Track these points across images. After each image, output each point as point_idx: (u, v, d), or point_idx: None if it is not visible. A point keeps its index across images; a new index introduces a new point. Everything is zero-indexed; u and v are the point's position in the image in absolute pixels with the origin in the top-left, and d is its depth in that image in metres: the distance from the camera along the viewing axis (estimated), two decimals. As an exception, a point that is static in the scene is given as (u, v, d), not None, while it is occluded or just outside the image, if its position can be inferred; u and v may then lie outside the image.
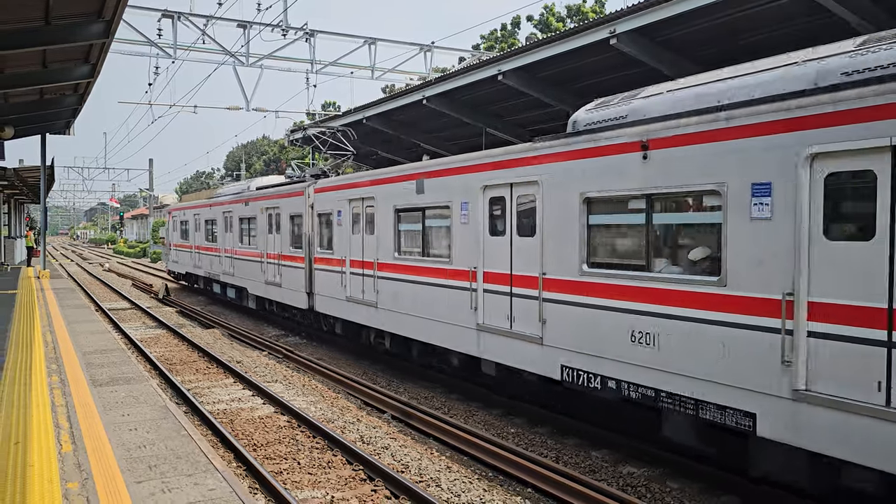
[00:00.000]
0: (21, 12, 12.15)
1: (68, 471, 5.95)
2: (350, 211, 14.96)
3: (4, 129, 19.77)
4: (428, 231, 12.31)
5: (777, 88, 6.87)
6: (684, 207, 7.73)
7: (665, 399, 7.65)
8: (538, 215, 9.41)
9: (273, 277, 19.40)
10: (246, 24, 24.07)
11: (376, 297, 13.76)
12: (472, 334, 10.89)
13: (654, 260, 7.90)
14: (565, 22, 41.05)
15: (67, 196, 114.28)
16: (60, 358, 10.99)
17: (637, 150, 7.88)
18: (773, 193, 6.52)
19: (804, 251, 6.22)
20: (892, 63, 6.03)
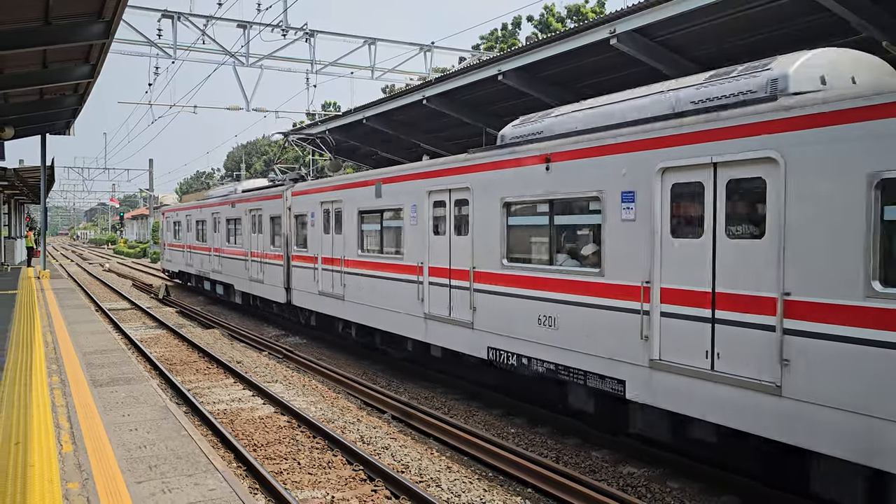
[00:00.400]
0: (21, 12, 12.15)
1: (69, 471, 5.95)
2: (322, 212, 16.41)
3: (4, 129, 19.78)
4: (385, 231, 13.85)
5: (646, 113, 8.41)
6: (576, 211, 9.35)
7: (563, 372, 9.20)
8: (470, 217, 10.88)
9: (256, 274, 20.76)
10: (246, 24, 24.07)
11: (343, 290, 15.23)
12: (420, 322, 12.28)
13: (555, 255, 9.49)
14: (565, 22, 41.06)
15: (67, 196, 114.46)
16: (61, 358, 10.99)
17: (542, 162, 9.42)
18: (636, 200, 8.04)
19: (657, 247, 7.74)
20: (726, 94, 7.58)
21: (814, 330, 6.24)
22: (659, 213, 7.74)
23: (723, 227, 7.08)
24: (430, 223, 12.04)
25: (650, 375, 7.83)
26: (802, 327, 6.32)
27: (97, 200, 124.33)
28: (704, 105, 7.72)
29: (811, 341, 6.25)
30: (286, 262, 18.59)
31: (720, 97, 7.67)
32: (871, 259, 5.84)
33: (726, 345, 7.00)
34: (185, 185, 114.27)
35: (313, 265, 16.87)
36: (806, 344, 6.29)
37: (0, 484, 5.54)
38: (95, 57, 15.51)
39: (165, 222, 33.81)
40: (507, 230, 10.19)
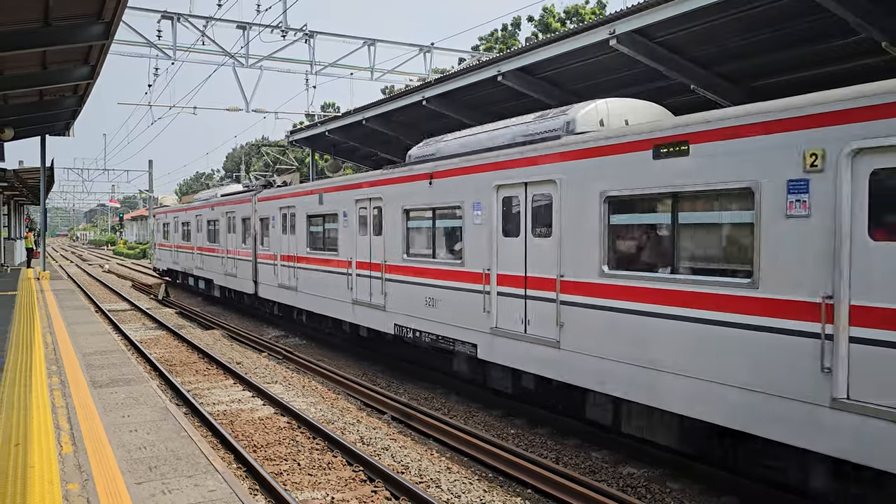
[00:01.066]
0: (20, 13, 12.14)
1: (69, 472, 5.95)
2: (280, 216, 19.06)
3: (4, 130, 19.79)
4: (326, 232, 16.44)
5: (496, 142, 10.94)
6: (449, 216, 11.79)
7: (441, 341, 11.82)
8: (383, 220, 13.56)
9: (231, 270, 23.38)
10: (245, 25, 24.06)
11: (296, 282, 17.89)
12: (350, 307, 14.99)
13: (437, 250, 12.11)
14: (564, 23, 41.05)
15: (67, 197, 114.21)
16: (60, 359, 10.99)
17: (428, 178, 12.13)
18: (482, 208, 10.68)
19: (494, 243, 10.45)
20: (540, 132, 10.09)
21: (573, 300, 9.02)
22: (496, 219, 10.42)
23: (530, 229, 9.80)
24: (356, 226, 14.71)
25: (492, 339, 10.51)
26: (567, 299, 9.08)
27: (97, 201, 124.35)
28: (527, 139, 10.27)
29: (573, 308, 9.05)
30: (254, 258, 21.08)
31: (537, 133, 10.17)
32: (602, 250, 8.56)
33: (532, 314, 9.73)
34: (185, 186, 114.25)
35: (274, 261, 19.48)
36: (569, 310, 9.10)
37: (0, 485, 5.53)
38: (95, 58, 15.50)
39: (156, 224, 37.02)
40: (407, 231, 12.88)
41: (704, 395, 7.20)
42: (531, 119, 10.63)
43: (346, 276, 15.01)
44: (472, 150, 11.42)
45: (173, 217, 32.05)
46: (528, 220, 9.77)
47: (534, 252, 9.65)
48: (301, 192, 17.78)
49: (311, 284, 17.02)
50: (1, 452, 6.34)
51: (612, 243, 8.49)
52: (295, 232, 18.01)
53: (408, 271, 12.73)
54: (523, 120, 10.84)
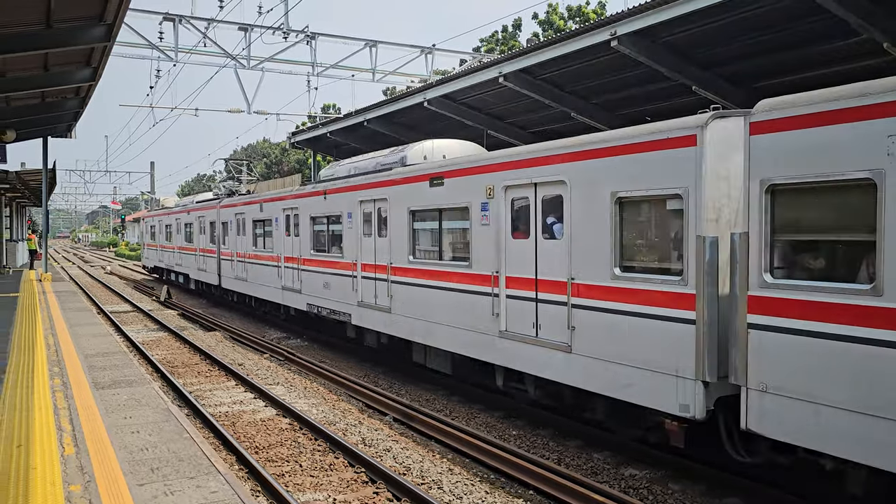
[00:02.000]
0: (22, 15, 12.16)
1: (71, 473, 5.96)
2: (235, 220, 23.46)
3: (6, 132, 19.82)
4: (266, 233, 20.75)
5: (364, 169, 15.27)
6: (336, 223, 15.95)
7: (332, 313, 16.02)
8: (300, 223, 17.92)
9: (202, 266, 27.75)
10: (247, 26, 24.09)
11: (246, 274, 22.32)
12: (279, 293, 19.49)
13: (331, 247, 16.23)
14: (566, 21, 41.05)
15: (69, 199, 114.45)
16: (62, 361, 11.00)
17: (322, 194, 16.45)
18: (353, 217, 14.88)
19: (359, 242, 14.54)
20: (387, 163, 14.39)
21: (391, 279, 13.60)
22: (361, 227, 14.60)
23: (377, 231, 13.99)
24: (283, 229, 19.18)
25: (359, 310, 14.67)
26: (382, 276, 13.93)
27: (99, 203, 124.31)
28: (378, 167, 14.64)
29: (393, 285, 13.50)
30: (218, 256, 25.30)
31: (385, 164, 14.39)
32: (409, 244, 12.94)
33: (369, 291, 14.34)
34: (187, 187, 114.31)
35: (231, 258, 23.79)
36: (391, 287, 13.62)
37: (3, 486, 5.54)
38: (97, 60, 15.52)
39: (142, 226, 42.60)
40: (314, 233, 17.12)
41: (454, 337, 11.46)
42: (387, 152, 15.01)
43: (277, 268, 19.65)
44: (350, 174, 15.73)
45: (158, 220, 36.67)
46: (376, 227, 14.15)
47: (381, 245, 13.93)
48: (249, 202, 22.25)
49: (255, 276, 21.46)
50: (3, 454, 6.34)
51: (414, 238, 12.87)
52: (245, 233, 22.34)
53: (313, 263, 17.25)
54: (382, 153, 15.23)
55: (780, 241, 6.56)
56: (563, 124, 17.29)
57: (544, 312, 9.41)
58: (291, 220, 18.46)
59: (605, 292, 8.43)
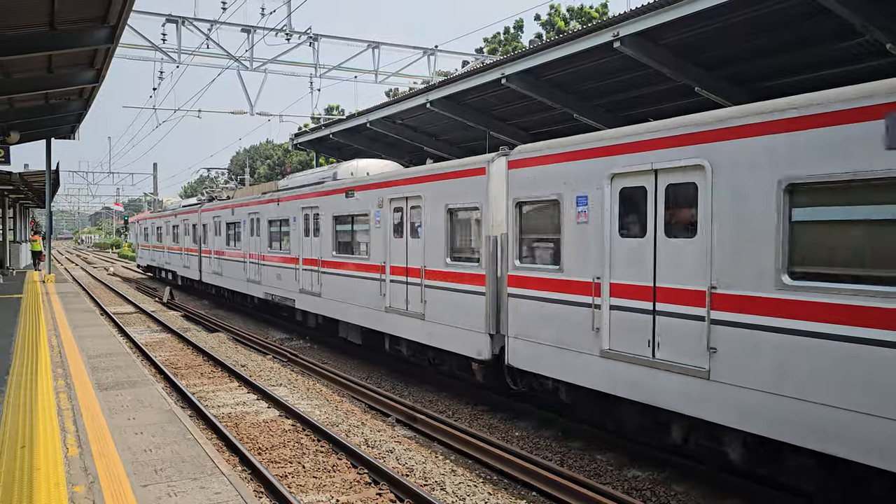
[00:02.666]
0: (26, 17, 12.20)
1: (75, 474, 5.97)
2: (212, 223, 26.78)
3: (10, 133, 19.87)
4: (236, 234, 23.96)
5: (309, 181, 18.32)
6: (285, 225, 19.00)
7: (283, 300, 19.20)
8: (261, 227, 21.08)
9: (186, 263, 31.32)
10: (250, 28, 24.11)
11: (221, 269, 25.83)
12: (245, 284, 22.63)
13: (283, 245, 19.31)
14: (568, 22, 41.06)
15: (72, 200, 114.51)
16: (66, 362, 11.03)
17: (276, 202, 19.73)
18: (297, 220, 18.04)
19: (300, 241, 17.85)
20: (322, 178, 17.55)
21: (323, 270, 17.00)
22: (302, 227, 17.81)
23: (312, 232, 17.04)
24: (248, 230, 22.32)
25: (301, 296, 17.86)
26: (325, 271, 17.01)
27: (102, 204, 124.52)
28: (317, 181, 17.71)
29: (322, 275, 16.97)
30: (199, 254, 29.02)
31: (322, 178, 17.43)
32: (334, 243, 16.01)
33: (307, 280, 17.64)
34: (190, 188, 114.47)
35: (209, 255, 27.51)
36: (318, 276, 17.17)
37: (7, 487, 5.56)
38: (100, 62, 15.56)
39: (137, 228, 46.60)
40: (270, 233, 20.37)
41: (362, 314, 14.64)
42: (326, 169, 17.83)
43: (244, 263, 22.95)
44: (298, 185, 18.83)
45: (150, 223, 41.07)
46: (312, 229, 17.14)
47: (315, 243, 17.02)
48: (224, 206, 25.58)
49: (229, 270, 24.80)
50: (7, 454, 6.36)
51: (336, 237, 16.02)
52: (220, 234, 25.69)
53: (267, 259, 20.42)
54: (323, 169, 18.24)
55: (524, 239, 10.13)
56: (565, 125, 17.30)
57: (411, 291, 12.82)
58: (254, 222, 21.70)
59: (442, 276, 11.92)
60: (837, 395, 6.07)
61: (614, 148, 8.50)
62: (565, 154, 9.19)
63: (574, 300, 9.01)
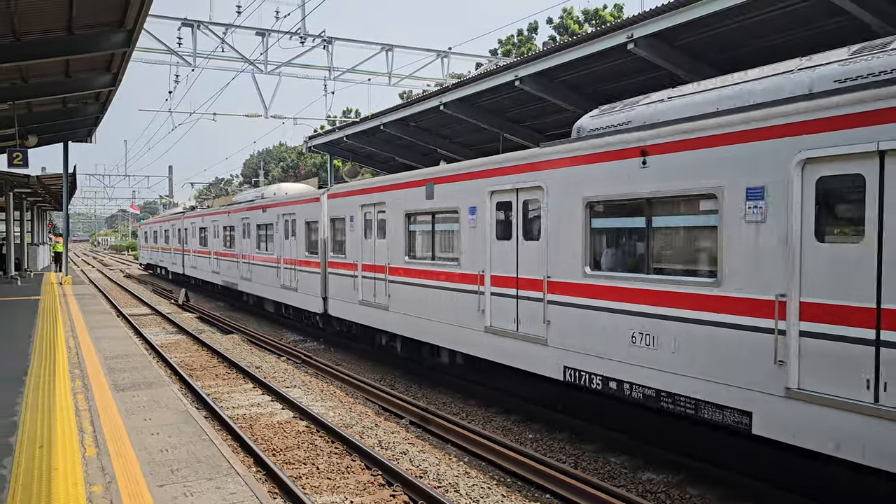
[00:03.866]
0: (44, 22, 12.36)
1: (92, 474, 6.03)
2: (192, 228, 33.94)
3: (28, 137, 20.09)
4: (205, 237, 30.45)
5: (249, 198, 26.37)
6: (233, 231, 26.70)
7: (249, 294, 25.64)
8: (218, 231, 28.00)
9: (175, 259, 38.81)
10: (265, 31, 24.27)
11: (196, 264, 32.91)
12: (210, 274, 29.89)
13: (232, 245, 26.45)
14: (581, 25, 40.97)
15: (88, 203, 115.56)
16: (83, 363, 11.13)
17: (227, 213, 27.89)
18: (237, 228, 26.26)
19: (240, 242, 25.91)
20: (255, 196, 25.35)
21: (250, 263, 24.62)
22: (242, 234, 25.63)
23: (251, 237, 24.62)
24: (212, 234, 29.48)
25: (245, 283, 25.05)
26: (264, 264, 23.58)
27: (118, 207, 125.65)
28: (251, 198, 25.45)
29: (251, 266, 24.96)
30: (182, 253, 36.46)
31: (253, 197, 25.32)
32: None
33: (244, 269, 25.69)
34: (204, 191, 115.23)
35: (191, 253, 34.20)
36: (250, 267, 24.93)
37: (26, 486, 5.62)
38: (117, 66, 15.73)
39: (140, 232, 57.24)
40: (224, 237, 26.44)
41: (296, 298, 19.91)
42: (259, 190, 23.78)
43: (209, 259, 30.06)
44: (241, 202, 24.88)
45: (149, 227, 49.85)
46: (252, 233, 23.11)
47: (246, 244, 23.30)
48: (197, 215, 33.10)
49: (201, 265, 32.07)
50: (27, 454, 6.43)
51: (259, 240, 22.59)
52: (195, 237, 32.98)
53: (258, 259, 23.47)
54: (258, 190, 23.75)
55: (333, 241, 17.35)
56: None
57: (302, 275, 19.33)
58: (215, 229, 29.15)
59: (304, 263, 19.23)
60: (611, 348, 8.67)
61: (492, 171, 10.93)
62: (462, 175, 11.75)
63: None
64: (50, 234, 48.83)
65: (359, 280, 15.46)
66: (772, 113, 6.83)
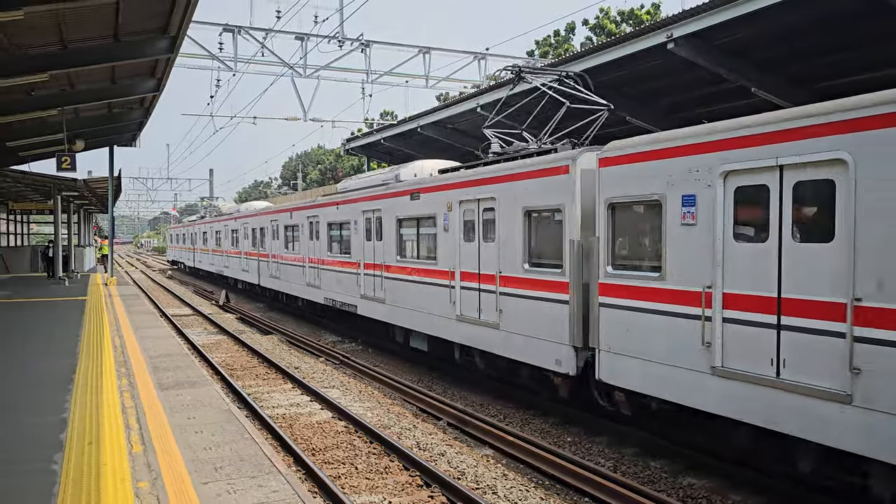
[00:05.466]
0: (92, 30, 12.69)
1: (139, 470, 6.17)
2: (200, 233, 44.48)
3: (75, 141, 20.64)
4: (218, 239, 38.41)
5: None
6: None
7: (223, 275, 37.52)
8: (222, 235, 37.14)
9: (189, 257, 49.74)
10: (304, 36, 24.58)
11: (202, 260, 44.17)
12: (211, 266, 41.01)
13: (232, 245, 35.05)
14: (618, 25, 40.62)
15: (132, 205, 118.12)
16: (129, 361, 11.39)
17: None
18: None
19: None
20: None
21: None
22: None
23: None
24: (215, 237, 38.82)
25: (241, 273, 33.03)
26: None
27: (160, 209, 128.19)
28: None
29: None
30: (194, 251, 47.19)
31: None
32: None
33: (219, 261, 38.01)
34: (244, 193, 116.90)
35: (202, 253, 43.61)
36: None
37: (76, 482, 5.78)
38: (161, 71, 16.06)
39: (167, 235, 72.00)
40: (216, 239, 39.22)
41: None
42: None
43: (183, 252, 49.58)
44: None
45: (175, 231, 62.15)
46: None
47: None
48: (206, 223, 42.14)
49: (208, 259, 40.66)
50: (76, 450, 6.62)
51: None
52: (206, 240, 41.41)
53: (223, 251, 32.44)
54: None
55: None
56: (617, 128, 17.12)
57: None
58: (219, 232, 37.26)
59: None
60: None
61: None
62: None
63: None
64: (95, 236, 50.23)
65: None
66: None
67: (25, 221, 48.37)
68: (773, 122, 7.10)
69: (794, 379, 6.82)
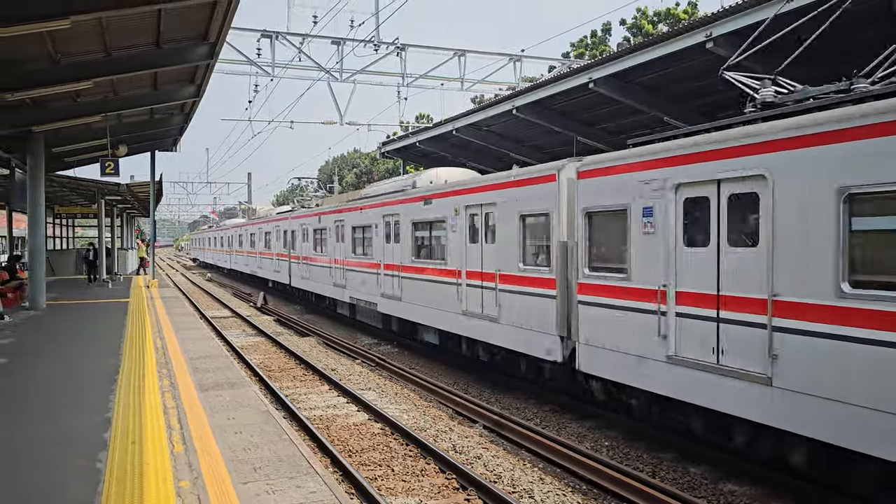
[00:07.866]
0: (135, 38, 12.96)
1: (180, 469, 6.27)
2: (213, 237, 61.41)
3: (118, 147, 21.08)
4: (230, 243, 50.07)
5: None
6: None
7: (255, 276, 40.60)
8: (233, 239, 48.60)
9: (211, 257, 62.33)
10: (340, 40, 24.78)
11: (219, 258, 56.91)
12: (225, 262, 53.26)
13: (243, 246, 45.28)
14: (655, 25, 40.16)
15: (172, 209, 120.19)
16: (170, 363, 11.59)
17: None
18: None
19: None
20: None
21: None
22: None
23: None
24: (227, 241, 51.35)
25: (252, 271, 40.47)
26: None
27: (200, 213, 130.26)
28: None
29: None
30: (212, 251, 61.77)
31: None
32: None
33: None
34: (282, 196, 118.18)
35: (231, 254, 49.42)
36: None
37: (120, 480, 5.90)
38: (201, 77, 16.34)
39: (192, 238, 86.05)
40: (223, 242, 54.55)
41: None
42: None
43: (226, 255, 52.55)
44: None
45: (199, 236, 72.46)
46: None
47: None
48: (218, 230, 54.12)
49: (231, 259, 47.08)
50: (120, 449, 6.75)
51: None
52: (245, 243, 42.86)
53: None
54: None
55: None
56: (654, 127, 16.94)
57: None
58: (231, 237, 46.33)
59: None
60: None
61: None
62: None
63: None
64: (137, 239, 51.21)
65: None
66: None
67: (70, 225, 49.62)
68: (715, 141, 8.22)
69: (730, 365, 7.97)
